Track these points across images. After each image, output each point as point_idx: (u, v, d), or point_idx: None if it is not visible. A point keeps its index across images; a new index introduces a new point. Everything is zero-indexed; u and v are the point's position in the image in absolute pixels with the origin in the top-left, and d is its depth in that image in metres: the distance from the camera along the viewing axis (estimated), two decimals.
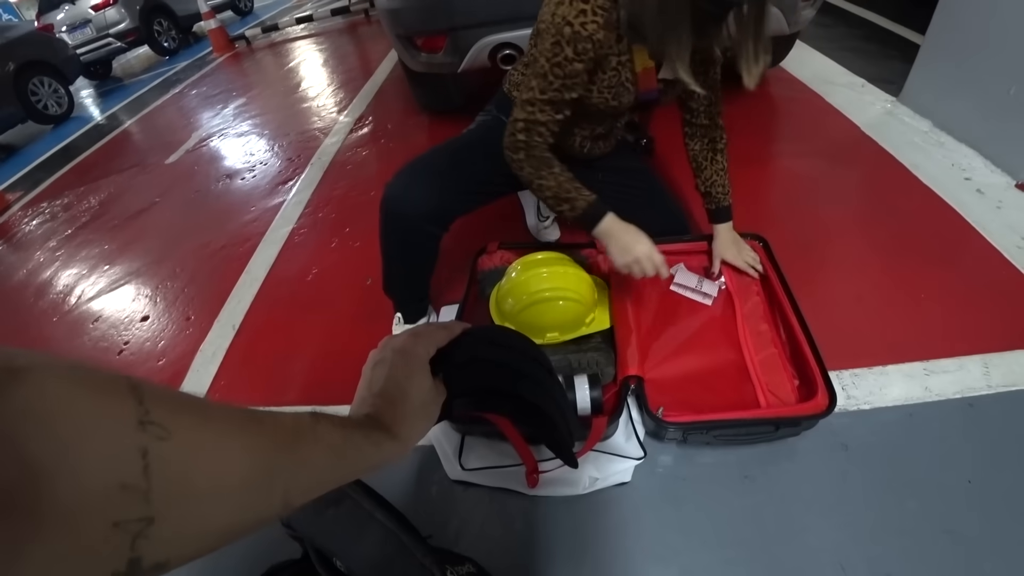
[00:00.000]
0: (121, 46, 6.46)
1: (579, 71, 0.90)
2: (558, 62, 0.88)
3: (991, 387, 1.08)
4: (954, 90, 1.81)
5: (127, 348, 1.72)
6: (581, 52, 0.87)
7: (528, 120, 0.95)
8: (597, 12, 0.84)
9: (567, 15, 0.85)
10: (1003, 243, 1.39)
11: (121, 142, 3.91)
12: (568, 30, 0.85)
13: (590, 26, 0.85)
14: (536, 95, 0.93)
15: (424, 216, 1.07)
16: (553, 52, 0.88)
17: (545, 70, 0.90)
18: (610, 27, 0.88)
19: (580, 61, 0.88)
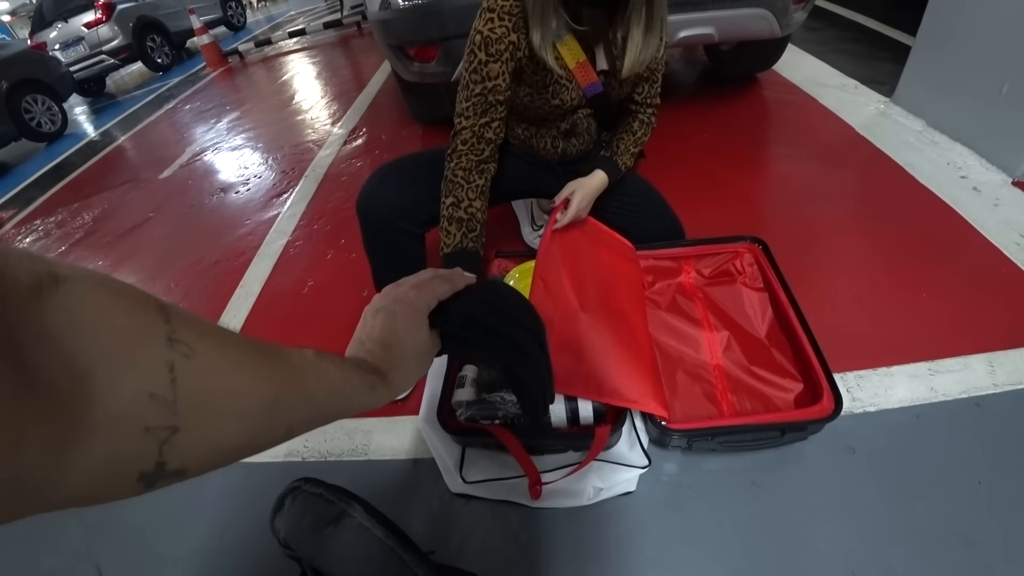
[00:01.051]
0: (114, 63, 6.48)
1: (497, 71, 0.94)
2: (475, 68, 0.95)
3: (997, 386, 1.07)
4: (946, 89, 1.81)
5: None
6: (493, 54, 0.93)
7: (457, 130, 1.01)
8: (504, 17, 0.91)
9: (477, 25, 0.92)
10: (1002, 240, 1.39)
11: (115, 158, 3.90)
12: (479, 37, 0.92)
13: (498, 30, 0.91)
14: (462, 105, 0.99)
15: (394, 212, 1.08)
16: (468, 61, 0.95)
17: (467, 79, 0.97)
18: (522, 30, 0.92)
19: (495, 61, 0.93)
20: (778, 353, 1.10)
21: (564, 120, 1.13)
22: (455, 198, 1.02)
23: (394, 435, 1.20)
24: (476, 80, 0.95)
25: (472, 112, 0.99)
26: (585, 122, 1.16)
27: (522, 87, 1.03)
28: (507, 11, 0.90)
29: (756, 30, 1.82)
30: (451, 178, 1.02)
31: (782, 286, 1.12)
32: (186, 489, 1.20)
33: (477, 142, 1.01)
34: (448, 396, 1.04)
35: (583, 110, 1.14)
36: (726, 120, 2.17)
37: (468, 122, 1.00)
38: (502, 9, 0.90)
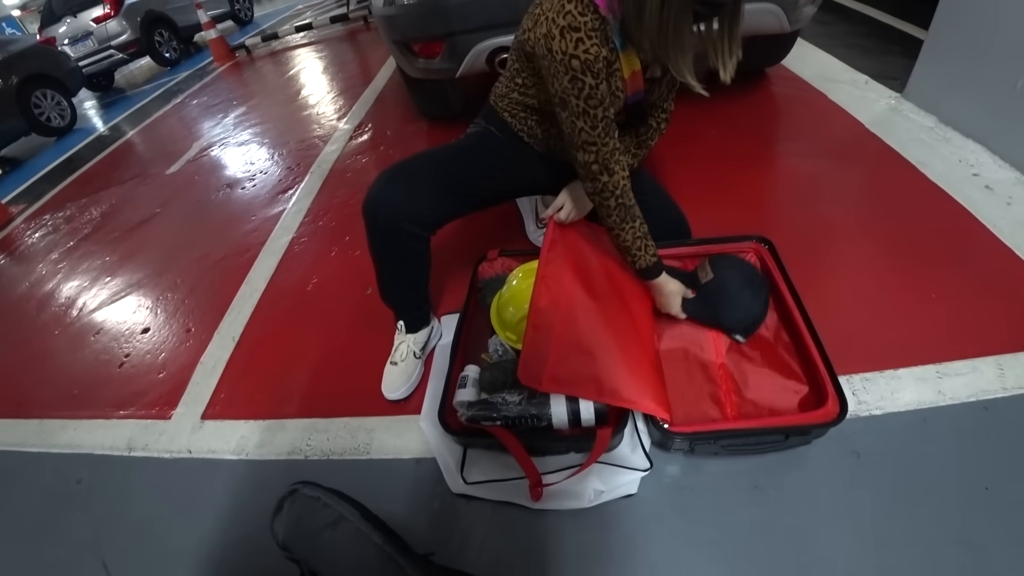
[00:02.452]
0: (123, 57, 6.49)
1: (606, 91, 0.90)
2: (588, 94, 0.89)
3: (1006, 389, 1.05)
4: (959, 85, 1.78)
5: (127, 361, 1.71)
6: (598, 73, 0.88)
7: (600, 159, 0.96)
8: (591, 35, 0.85)
9: (568, 49, 0.85)
10: (1015, 240, 1.36)
11: (123, 153, 3.93)
12: (576, 62, 0.86)
13: (593, 49, 0.85)
14: (590, 134, 0.93)
15: (401, 215, 1.06)
16: (576, 88, 0.88)
17: (582, 108, 0.90)
18: (604, 42, 0.88)
19: (601, 81, 0.89)
20: (784, 354, 1.09)
21: None
22: (641, 219, 1.04)
23: (396, 434, 1.20)
24: (595, 106, 0.90)
25: (606, 134, 0.94)
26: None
27: None
28: (592, 28, 0.85)
29: (765, 25, 1.79)
30: (628, 204, 1.02)
31: (788, 286, 1.11)
32: (192, 483, 1.23)
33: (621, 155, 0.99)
34: (450, 396, 1.04)
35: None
36: (734, 117, 2.14)
37: (610, 143, 0.95)
38: (587, 27, 0.84)
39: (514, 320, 1.05)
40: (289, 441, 1.26)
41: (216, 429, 1.36)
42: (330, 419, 1.28)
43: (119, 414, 1.50)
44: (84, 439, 1.45)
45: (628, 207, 1.01)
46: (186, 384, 1.53)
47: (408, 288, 1.23)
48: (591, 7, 0.85)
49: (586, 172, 0.99)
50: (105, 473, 1.35)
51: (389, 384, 1.25)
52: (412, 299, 1.25)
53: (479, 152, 1.16)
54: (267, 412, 1.36)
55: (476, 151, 1.16)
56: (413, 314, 1.27)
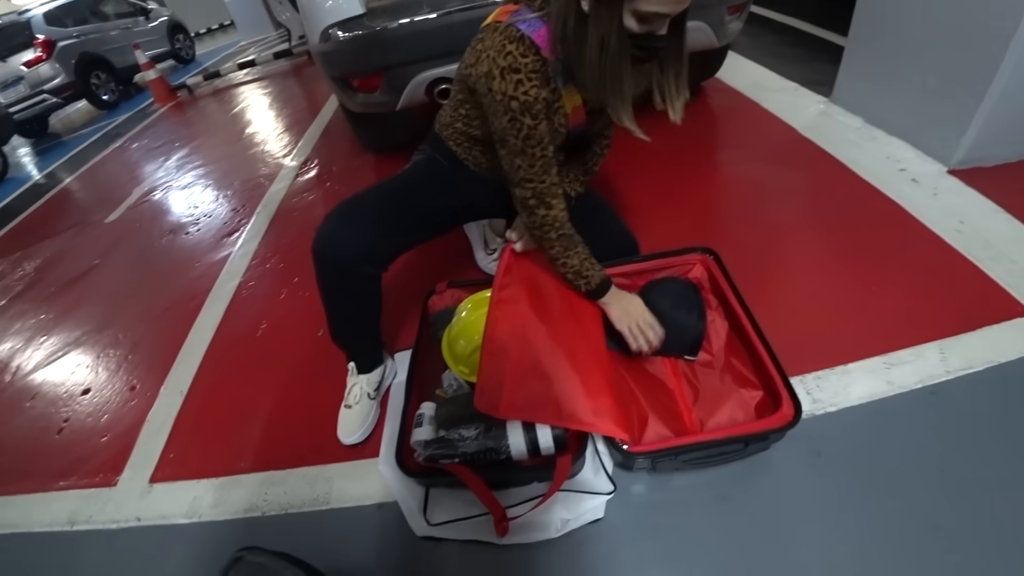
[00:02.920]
0: (57, 101, 6.23)
1: (545, 130, 0.92)
2: (526, 135, 0.90)
3: (949, 372, 1.09)
4: (879, 87, 1.88)
5: (67, 426, 1.60)
6: (537, 115, 0.89)
7: (536, 194, 0.98)
8: (532, 77, 0.86)
9: (507, 91, 0.86)
10: (943, 228, 1.43)
11: (59, 202, 3.74)
12: (516, 104, 0.86)
13: (532, 91, 0.86)
14: (528, 171, 0.95)
15: (356, 257, 1.03)
16: (516, 128, 0.89)
17: (520, 147, 0.92)
18: (545, 84, 0.89)
19: (540, 121, 0.90)
20: (736, 362, 1.10)
21: None
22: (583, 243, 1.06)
23: (356, 479, 1.15)
24: (533, 145, 0.92)
25: (544, 172, 0.96)
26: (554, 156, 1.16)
27: None
28: (532, 70, 0.85)
29: (695, 42, 1.85)
30: (568, 233, 1.03)
31: (735, 295, 1.13)
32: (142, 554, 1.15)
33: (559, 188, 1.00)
34: (407, 436, 1.00)
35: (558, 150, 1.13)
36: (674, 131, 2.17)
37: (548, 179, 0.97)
38: (527, 68, 0.85)
39: (466, 353, 1.03)
40: (245, 498, 1.20)
41: (167, 492, 1.28)
42: (287, 470, 1.23)
43: (59, 485, 1.39)
44: (20, 517, 1.34)
45: (569, 236, 1.03)
46: (132, 446, 1.44)
47: (361, 329, 1.20)
48: (532, 48, 0.86)
49: (524, 207, 1.00)
50: (46, 552, 1.24)
51: (345, 428, 1.20)
52: (364, 340, 1.22)
53: (426, 181, 1.14)
54: (221, 469, 1.28)
55: (423, 180, 1.14)
56: (366, 355, 1.24)
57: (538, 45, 0.86)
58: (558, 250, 1.04)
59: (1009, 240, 1.35)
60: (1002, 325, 1.16)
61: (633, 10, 0.77)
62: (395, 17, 1.67)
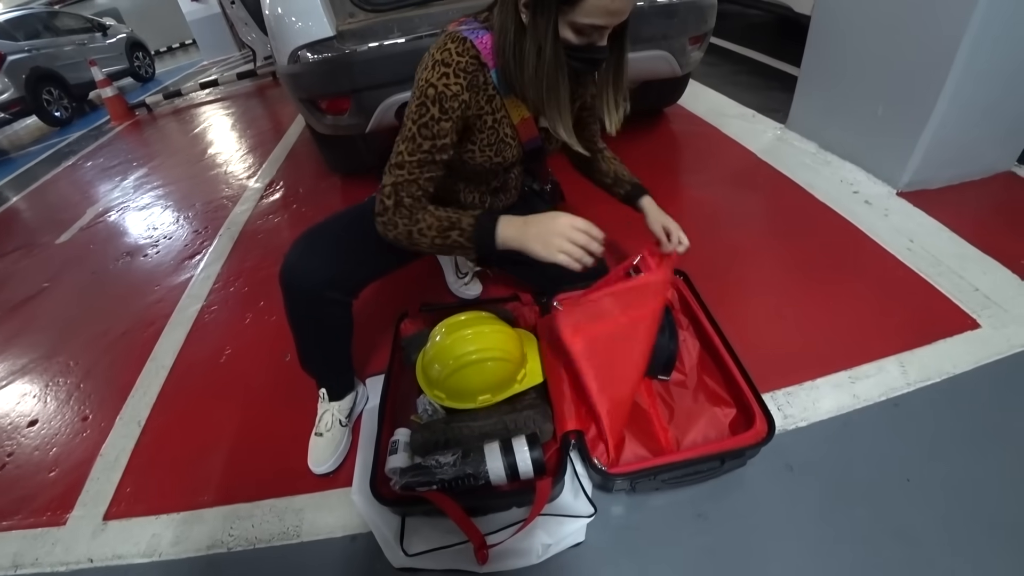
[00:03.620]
0: (5, 117, 5.96)
1: (447, 130, 0.89)
2: (424, 123, 0.88)
3: (910, 384, 1.14)
4: (832, 114, 1.99)
5: (11, 460, 1.48)
6: (447, 110, 0.88)
7: (396, 184, 0.91)
8: (459, 74, 0.87)
9: (429, 78, 0.86)
10: (895, 246, 1.52)
11: (5, 222, 3.53)
12: (432, 91, 0.86)
13: (453, 87, 0.87)
14: (405, 158, 0.90)
15: (324, 284, 1.01)
16: (419, 114, 0.88)
17: (413, 132, 0.89)
18: (475, 88, 0.90)
19: (447, 119, 0.88)
20: (709, 381, 1.12)
21: (497, 178, 1.12)
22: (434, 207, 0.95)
23: (328, 511, 1.11)
24: (426, 136, 0.89)
25: (417, 166, 0.91)
26: (516, 179, 1.17)
27: (464, 144, 0.99)
28: (463, 68, 0.86)
29: (658, 70, 1.93)
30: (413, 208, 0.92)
31: (705, 314, 1.16)
32: None
33: (427, 187, 0.94)
34: (381, 464, 0.98)
35: (517, 167, 1.14)
36: (638, 155, 2.26)
37: (415, 175, 0.91)
38: (458, 66, 0.86)
39: (441, 377, 1.01)
40: (208, 533, 1.13)
41: (122, 530, 1.20)
42: (254, 503, 1.16)
43: (1, 525, 1.28)
44: None
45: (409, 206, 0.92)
46: (84, 481, 1.34)
47: (331, 356, 1.17)
48: (471, 51, 0.88)
49: (378, 194, 0.94)
50: None
51: (316, 457, 1.16)
52: (335, 366, 1.19)
53: None
54: (182, 503, 1.21)
55: None
56: (337, 381, 1.20)
57: (479, 49, 0.88)
58: (403, 224, 0.92)
59: (955, 257, 1.44)
60: (955, 338, 1.22)
61: (569, 22, 0.80)
62: (365, 40, 1.68)
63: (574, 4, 0.77)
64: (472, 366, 1.00)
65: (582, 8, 0.77)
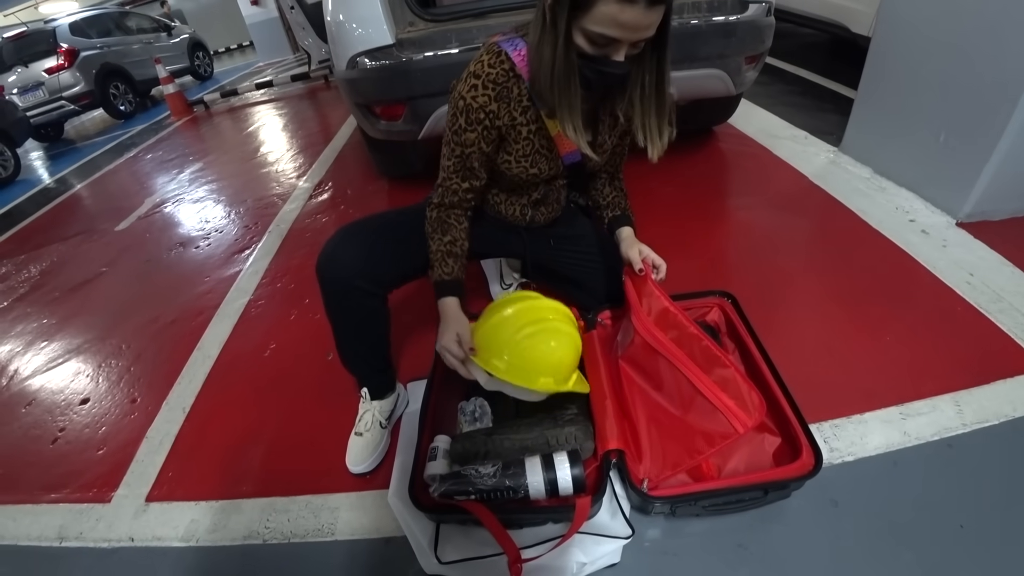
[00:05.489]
0: (74, 109, 6.35)
1: (473, 140, 0.96)
2: (455, 131, 0.96)
3: (966, 425, 1.09)
4: (889, 139, 1.93)
5: (62, 436, 1.56)
6: (473, 122, 0.94)
7: (443, 184, 1.06)
8: (488, 86, 0.91)
9: (461, 91, 0.93)
10: (954, 280, 1.45)
11: (69, 207, 3.75)
12: (461, 103, 0.93)
13: (480, 99, 0.91)
14: (445, 161, 1.03)
15: (354, 273, 1.04)
16: (452, 122, 0.97)
17: (449, 138, 0.99)
18: (506, 99, 0.93)
19: (472, 131, 0.95)
20: None
21: (537, 190, 1.14)
22: (452, 237, 1.08)
23: (363, 512, 1.12)
24: (457, 143, 0.98)
25: (455, 170, 1.03)
26: (557, 192, 1.18)
27: (500, 154, 1.03)
28: (492, 79, 0.90)
29: (712, 89, 1.91)
30: (445, 219, 1.08)
31: (753, 339, 1.13)
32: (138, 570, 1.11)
33: (465, 194, 1.06)
34: (420, 470, 0.98)
35: (559, 180, 1.15)
36: (687, 173, 2.25)
37: (452, 181, 1.04)
38: (487, 77, 0.90)
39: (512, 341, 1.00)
40: (245, 524, 1.16)
41: (162, 512, 1.24)
42: (291, 497, 1.19)
43: (49, 498, 1.34)
44: (6, 528, 1.29)
45: (445, 223, 1.08)
46: (129, 462, 1.40)
47: (368, 351, 1.18)
48: (506, 63, 0.90)
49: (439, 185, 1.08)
50: (31, 567, 1.20)
51: (354, 457, 1.18)
52: (374, 363, 1.21)
53: None
54: (220, 492, 1.25)
55: None
56: (377, 379, 1.22)
57: (514, 62, 0.90)
58: (428, 229, 1.09)
59: (1018, 294, 1.37)
60: (1016, 379, 1.16)
61: (582, 29, 0.80)
62: (422, 49, 1.72)
63: (586, 10, 0.78)
64: (546, 333, 1.02)
65: (592, 15, 0.77)
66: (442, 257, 1.06)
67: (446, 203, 1.07)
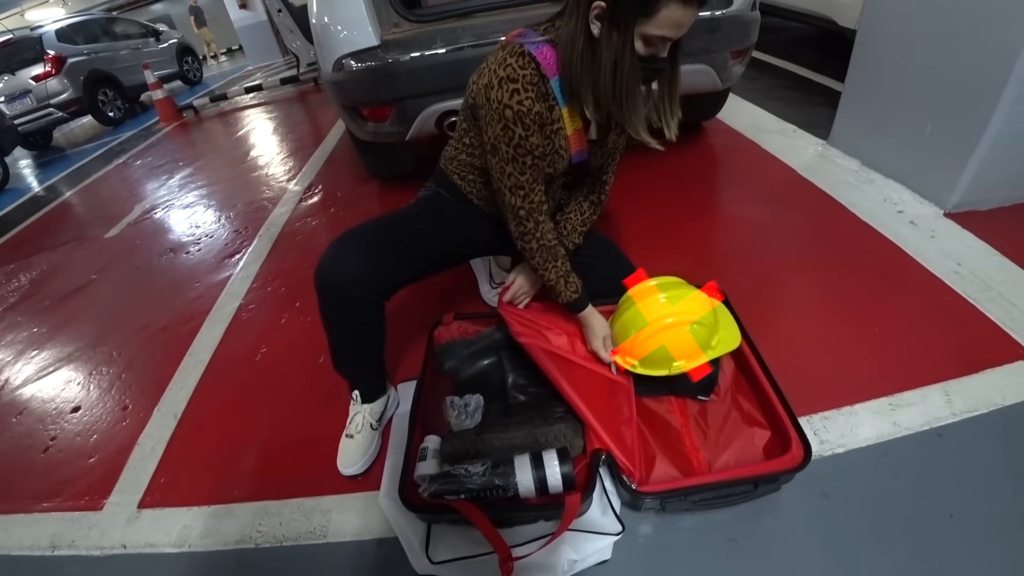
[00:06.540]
0: (63, 116, 6.29)
1: (537, 143, 0.94)
2: (517, 143, 0.92)
3: (955, 414, 1.09)
4: (877, 131, 1.94)
5: (54, 444, 1.55)
6: (529, 125, 0.91)
7: (527, 205, 1.00)
8: (528, 88, 0.89)
9: (502, 99, 0.89)
10: (942, 270, 1.46)
11: (59, 215, 3.73)
12: (509, 112, 0.89)
13: (526, 102, 0.89)
14: (519, 179, 0.97)
15: (355, 284, 1.03)
16: (507, 136, 0.92)
17: (511, 155, 0.94)
18: (542, 99, 0.92)
19: (533, 134, 0.92)
20: (744, 402, 1.10)
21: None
22: (561, 259, 1.09)
23: (355, 513, 1.12)
24: (524, 153, 0.93)
25: (535, 182, 0.99)
26: (556, 191, 1.18)
27: None
28: (529, 81, 0.88)
29: (699, 84, 1.91)
30: (547, 244, 1.07)
31: (742, 334, 1.13)
32: None
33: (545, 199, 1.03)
34: (410, 470, 0.98)
35: (559, 180, 1.14)
36: (677, 168, 2.25)
37: (535, 194, 1.00)
38: (524, 79, 0.88)
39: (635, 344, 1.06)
40: (237, 528, 1.16)
41: (155, 519, 1.24)
42: (283, 501, 1.19)
43: (41, 507, 1.33)
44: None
45: (550, 247, 1.07)
46: (121, 469, 1.39)
47: (363, 357, 1.18)
48: (532, 63, 0.89)
49: (513, 215, 1.02)
50: None
51: (345, 459, 1.18)
52: (368, 368, 1.20)
53: (431, 216, 1.16)
54: (213, 497, 1.24)
55: (428, 215, 1.16)
56: (369, 383, 1.21)
57: (539, 61, 0.90)
58: (538, 260, 1.07)
59: (1006, 283, 1.38)
60: (1005, 368, 1.17)
61: (641, 33, 0.82)
62: (408, 50, 1.71)
63: (649, 16, 0.79)
64: (669, 330, 1.03)
65: (655, 21, 0.80)
66: (563, 281, 1.09)
67: (539, 220, 1.03)
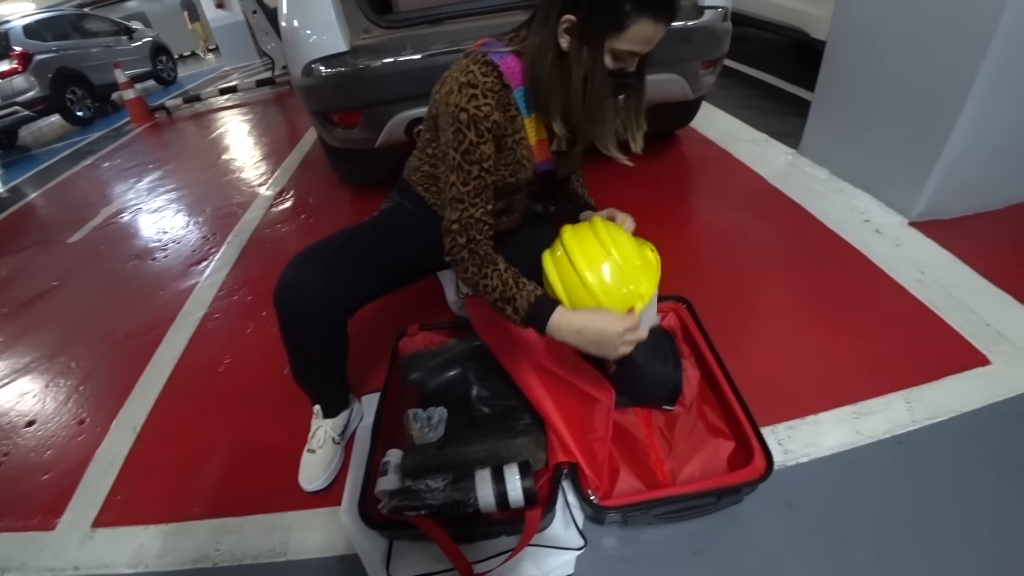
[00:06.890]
0: (29, 115, 6.09)
1: (488, 153, 0.90)
2: (466, 149, 0.88)
3: (915, 421, 1.11)
4: (845, 140, 1.97)
5: (6, 461, 1.49)
6: (482, 133, 0.88)
7: (462, 219, 0.91)
8: (487, 95, 0.87)
9: (459, 103, 0.86)
10: (905, 278, 1.48)
11: (21, 218, 3.60)
12: (464, 115, 0.86)
13: (484, 108, 0.87)
14: (460, 190, 0.90)
15: (320, 303, 0.99)
16: (457, 141, 0.88)
17: (458, 161, 0.89)
18: (502, 108, 0.90)
19: (485, 142, 0.89)
20: (708, 412, 1.10)
21: (504, 199, 1.09)
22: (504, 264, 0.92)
23: (317, 529, 1.09)
24: (472, 161, 0.88)
25: (476, 194, 0.90)
26: (522, 202, 1.17)
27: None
28: (489, 88, 0.87)
29: (671, 93, 1.93)
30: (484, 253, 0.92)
31: (707, 344, 1.14)
32: None
33: (488, 219, 0.93)
34: (371, 485, 0.96)
35: (524, 190, 1.13)
36: (649, 177, 2.26)
37: (475, 208, 0.90)
38: (484, 86, 0.86)
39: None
40: (196, 547, 1.12)
41: (110, 538, 1.19)
42: (243, 517, 1.15)
43: None
44: None
45: (482, 255, 0.92)
46: (76, 486, 1.34)
47: (325, 373, 1.15)
48: (495, 72, 0.88)
49: (447, 230, 0.93)
50: None
51: (307, 474, 1.15)
52: (330, 383, 1.17)
53: (394, 228, 1.13)
54: (171, 514, 1.20)
55: (391, 228, 1.13)
56: (331, 398, 1.19)
57: (502, 71, 0.89)
58: (473, 270, 0.91)
59: (967, 291, 1.41)
60: (964, 374, 1.19)
61: (611, 48, 0.82)
62: (378, 56, 1.69)
63: (620, 31, 0.79)
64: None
65: (626, 36, 0.80)
66: (513, 282, 0.89)
67: (475, 238, 0.91)
